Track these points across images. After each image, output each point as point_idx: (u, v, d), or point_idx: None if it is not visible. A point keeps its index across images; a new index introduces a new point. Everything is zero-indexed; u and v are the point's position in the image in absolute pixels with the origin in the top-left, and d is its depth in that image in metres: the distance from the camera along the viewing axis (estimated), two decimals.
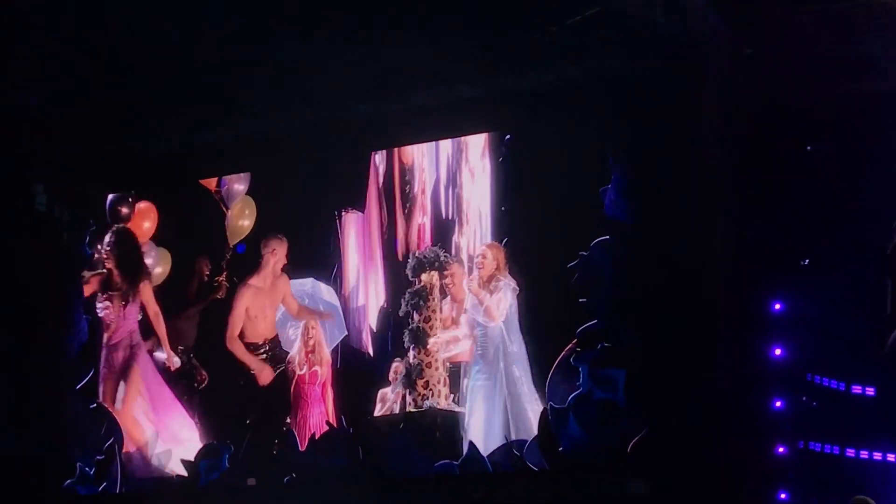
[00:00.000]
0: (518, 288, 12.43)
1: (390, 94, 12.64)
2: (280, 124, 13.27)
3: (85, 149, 13.88)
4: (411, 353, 12.91)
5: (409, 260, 13.06)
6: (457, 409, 12.72)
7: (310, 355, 13.44)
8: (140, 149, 13.86)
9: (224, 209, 14.09)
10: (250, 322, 13.72)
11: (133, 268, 13.86)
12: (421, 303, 12.95)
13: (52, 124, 13.48)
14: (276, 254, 13.68)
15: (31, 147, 13.74)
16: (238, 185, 14.14)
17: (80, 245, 14.11)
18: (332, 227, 13.48)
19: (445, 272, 12.93)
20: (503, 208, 12.70)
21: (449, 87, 12.38)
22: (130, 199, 14.33)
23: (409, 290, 13.01)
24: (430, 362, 12.94)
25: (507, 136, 12.61)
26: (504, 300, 12.48)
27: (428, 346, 12.90)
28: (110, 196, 14.32)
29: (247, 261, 13.90)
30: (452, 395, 12.88)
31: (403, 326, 13.02)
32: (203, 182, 14.20)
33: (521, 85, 12.12)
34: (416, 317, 12.96)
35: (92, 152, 13.93)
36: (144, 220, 14.35)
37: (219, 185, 14.21)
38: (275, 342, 13.76)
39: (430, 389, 12.86)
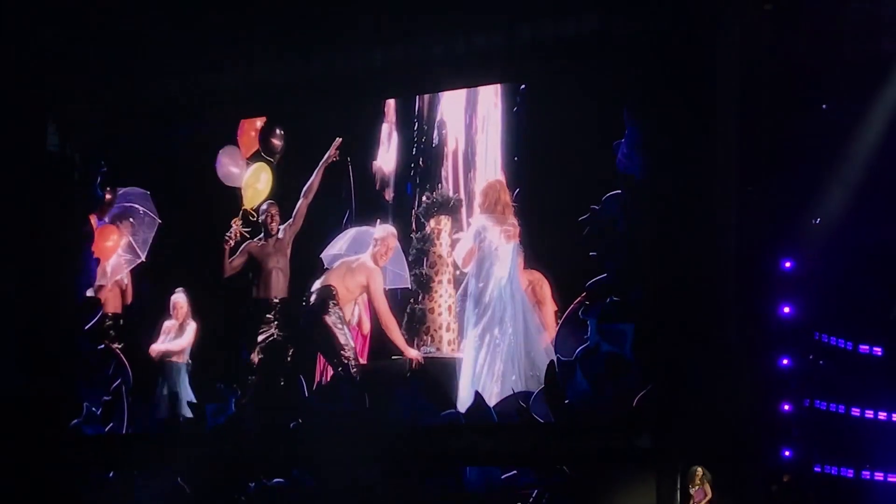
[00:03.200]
0: (483, 230, 12.38)
1: (406, 43, 12.61)
2: (292, 70, 13.22)
3: (98, 89, 13.83)
4: (416, 299, 13.01)
5: (421, 204, 13.10)
6: (458, 355, 12.78)
7: None
8: (153, 90, 13.81)
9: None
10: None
11: None
12: (428, 248, 13.01)
13: (66, 64, 13.45)
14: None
15: (45, 86, 13.70)
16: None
17: (92, 186, 14.10)
18: (344, 175, 13.41)
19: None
20: (515, 158, 12.66)
21: (466, 37, 12.35)
22: None
23: (416, 234, 13.09)
24: (432, 307, 13.01)
25: (522, 87, 12.58)
26: (463, 246, 12.50)
27: (432, 292, 12.99)
28: None
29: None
30: (459, 341, 12.97)
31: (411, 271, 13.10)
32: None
33: (539, 36, 12.07)
34: (424, 262, 13.03)
35: (106, 93, 13.88)
36: None
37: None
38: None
39: (431, 335, 12.95)
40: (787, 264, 11.26)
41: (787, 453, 11.08)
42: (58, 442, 13.49)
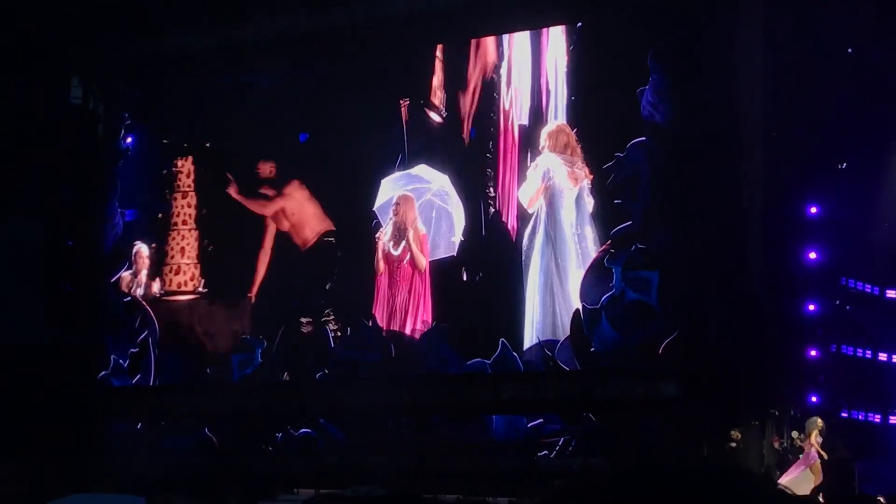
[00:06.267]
0: (551, 170, 12.08)
1: None
2: (330, 19, 13.03)
3: (120, 43, 13.76)
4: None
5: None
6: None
7: None
8: (176, 44, 13.71)
9: None
10: None
11: None
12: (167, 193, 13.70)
13: (88, 18, 13.39)
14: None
15: (67, 41, 13.65)
16: None
17: (116, 139, 14.10)
18: (396, 118, 13.12)
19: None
20: (572, 98, 12.34)
21: None
22: None
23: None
24: (166, 251, 13.80)
25: (579, 24, 12.26)
26: (529, 186, 12.24)
27: (167, 236, 13.78)
28: None
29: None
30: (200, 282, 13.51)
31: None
32: None
33: None
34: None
35: (127, 47, 13.81)
36: None
37: None
38: None
39: (163, 278, 13.75)
40: (813, 210, 11.19)
41: (814, 399, 11.07)
42: (86, 394, 13.54)
